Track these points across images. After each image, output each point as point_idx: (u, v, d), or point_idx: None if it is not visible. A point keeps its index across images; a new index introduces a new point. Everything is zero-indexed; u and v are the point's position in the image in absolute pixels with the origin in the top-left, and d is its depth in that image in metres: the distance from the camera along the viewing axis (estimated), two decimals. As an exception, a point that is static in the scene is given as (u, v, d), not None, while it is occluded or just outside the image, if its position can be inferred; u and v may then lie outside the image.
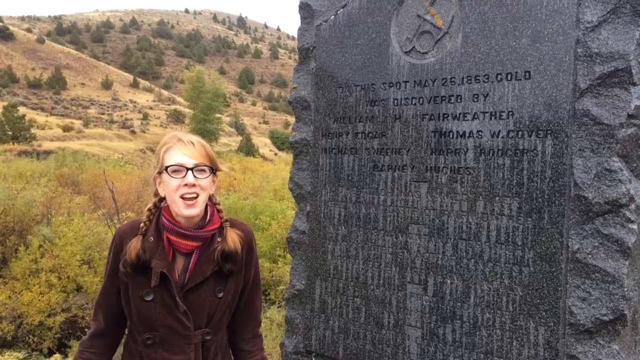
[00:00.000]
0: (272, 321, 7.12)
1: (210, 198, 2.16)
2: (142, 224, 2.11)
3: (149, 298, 2.04)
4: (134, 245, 2.04)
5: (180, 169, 2.03)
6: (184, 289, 2.07)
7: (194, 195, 2.02)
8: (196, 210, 2.03)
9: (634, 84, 2.10)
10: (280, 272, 9.24)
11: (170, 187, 2.03)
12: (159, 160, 2.09)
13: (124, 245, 2.09)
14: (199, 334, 2.09)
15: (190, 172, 2.02)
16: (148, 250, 2.04)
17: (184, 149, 2.05)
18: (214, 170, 2.12)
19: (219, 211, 2.19)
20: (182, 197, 2.01)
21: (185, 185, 2.01)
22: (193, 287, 2.07)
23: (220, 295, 2.13)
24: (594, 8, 2.17)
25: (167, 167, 2.04)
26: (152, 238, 2.07)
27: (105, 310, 2.17)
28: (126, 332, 2.26)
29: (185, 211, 2.02)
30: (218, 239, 2.11)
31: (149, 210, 2.14)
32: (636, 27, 2.10)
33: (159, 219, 2.12)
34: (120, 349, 2.29)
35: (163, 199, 2.13)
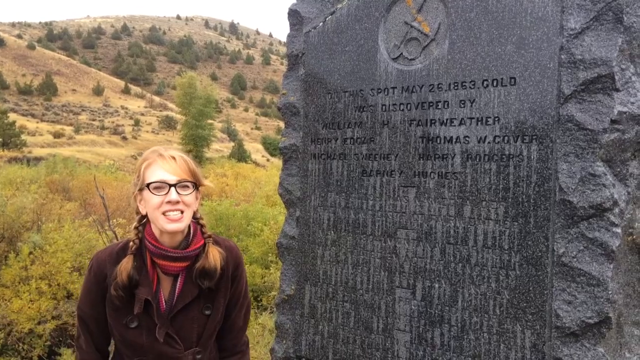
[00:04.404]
0: (264, 327, 7.11)
1: (193, 215, 2.10)
2: (131, 243, 2.04)
3: (134, 325, 2.00)
4: (124, 267, 1.97)
5: (162, 185, 1.95)
6: (173, 311, 2.03)
7: (178, 212, 1.96)
8: (181, 225, 1.98)
9: (617, 90, 2.13)
10: (272, 278, 9.24)
11: (152, 204, 1.96)
12: (140, 176, 2.01)
13: (104, 271, 2.04)
14: (189, 354, 2.05)
15: (172, 188, 1.95)
16: (136, 272, 1.99)
17: (165, 165, 1.98)
18: (197, 185, 2.05)
19: (202, 226, 2.14)
20: (164, 214, 1.95)
21: (169, 202, 1.94)
22: (182, 308, 2.03)
23: (208, 312, 2.09)
24: (577, 15, 2.20)
25: (148, 184, 1.96)
26: (135, 262, 2.01)
27: (92, 340, 2.11)
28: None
29: (169, 226, 1.95)
30: (202, 255, 2.06)
31: (136, 228, 2.07)
32: (618, 34, 2.14)
33: (141, 242, 2.05)
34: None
35: (145, 216, 2.07)
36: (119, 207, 13.35)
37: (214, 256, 2.06)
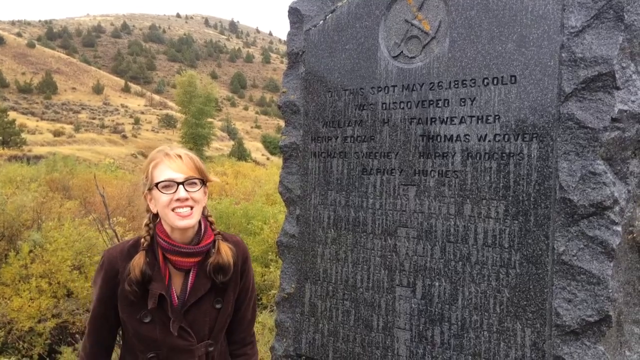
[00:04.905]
0: (264, 326, 7.11)
1: (202, 211, 2.14)
2: (142, 240, 2.08)
3: (147, 320, 2.04)
4: (137, 262, 2.01)
5: (170, 184, 2.00)
6: (186, 305, 2.07)
7: (188, 208, 2.00)
8: (192, 221, 2.02)
9: (618, 88, 2.13)
10: (272, 276, 9.24)
11: (162, 202, 2.01)
12: (148, 176, 2.06)
13: (116, 268, 2.06)
14: (202, 347, 2.10)
15: (181, 186, 2.00)
16: (149, 267, 2.02)
17: (172, 164, 2.03)
18: (204, 182, 2.10)
19: (211, 223, 2.18)
20: (174, 211, 1.99)
21: (178, 200, 1.99)
22: (195, 302, 2.08)
23: (219, 306, 2.13)
24: (577, 13, 2.20)
25: (157, 184, 2.01)
26: (148, 259, 2.04)
27: (97, 338, 2.13)
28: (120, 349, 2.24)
29: (180, 222, 1.99)
30: (212, 250, 2.11)
31: (147, 225, 2.12)
32: (619, 32, 2.13)
33: (152, 239, 2.10)
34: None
35: (156, 215, 2.11)
36: (119, 205, 13.35)
37: (226, 252, 2.13)
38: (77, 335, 7.95)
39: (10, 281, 8.73)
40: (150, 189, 2.06)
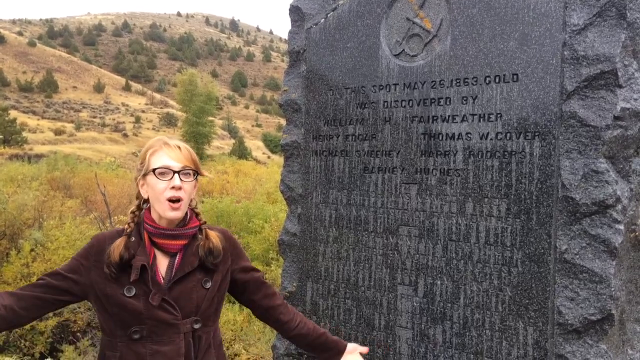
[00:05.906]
0: (265, 324, 7.11)
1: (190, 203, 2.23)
2: (126, 226, 2.15)
3: (131, 294, 2.07)
4: (117, 245, 2.07)
5: (167, 171, 2.07)
6: (171, 281, 2.11)
7: (179, 198, 2.07)
8: (179, 213, 2.09)
9: (620, 86, 2.12)
10: (274, 275, 9.23)
11: (157, 189, 2.07)
12: (145, 162, 2.13)
13: (103, 248, 2.11)
14: (187, 323, 2.13)
15: (176, 175, 2.07)
16: (131, 249, 2.09)
17: (170, 152, 2.10)
18: (197, 174, 2.17)
19: (197, 214, 2.25)
20: (167, 200, 2.06)
21: (172, 188, 2.06)
22: (181, 277, 2.13)
23: (208, 285, 2.19)
24: (580, 11, 2.19)
25: (154, 170, 2.08)
26: (133, 238, 2.12)
27: (31, 289, 2.06)
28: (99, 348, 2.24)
29: (170, 213, 2.07)
30: (200, 236, 2.18)
31: (132, 212, 2.19)
32: (622, 30, 2.13)
33: (138, 225, 2.17)
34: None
35: (146, 201, 2.18)
36: (120, 204, 13.35)
37: (214, 237, 2.21)
38: (78, 334, 7.95)
39: (11, 280, 8.74)
40: (145, 175, 2.12)
